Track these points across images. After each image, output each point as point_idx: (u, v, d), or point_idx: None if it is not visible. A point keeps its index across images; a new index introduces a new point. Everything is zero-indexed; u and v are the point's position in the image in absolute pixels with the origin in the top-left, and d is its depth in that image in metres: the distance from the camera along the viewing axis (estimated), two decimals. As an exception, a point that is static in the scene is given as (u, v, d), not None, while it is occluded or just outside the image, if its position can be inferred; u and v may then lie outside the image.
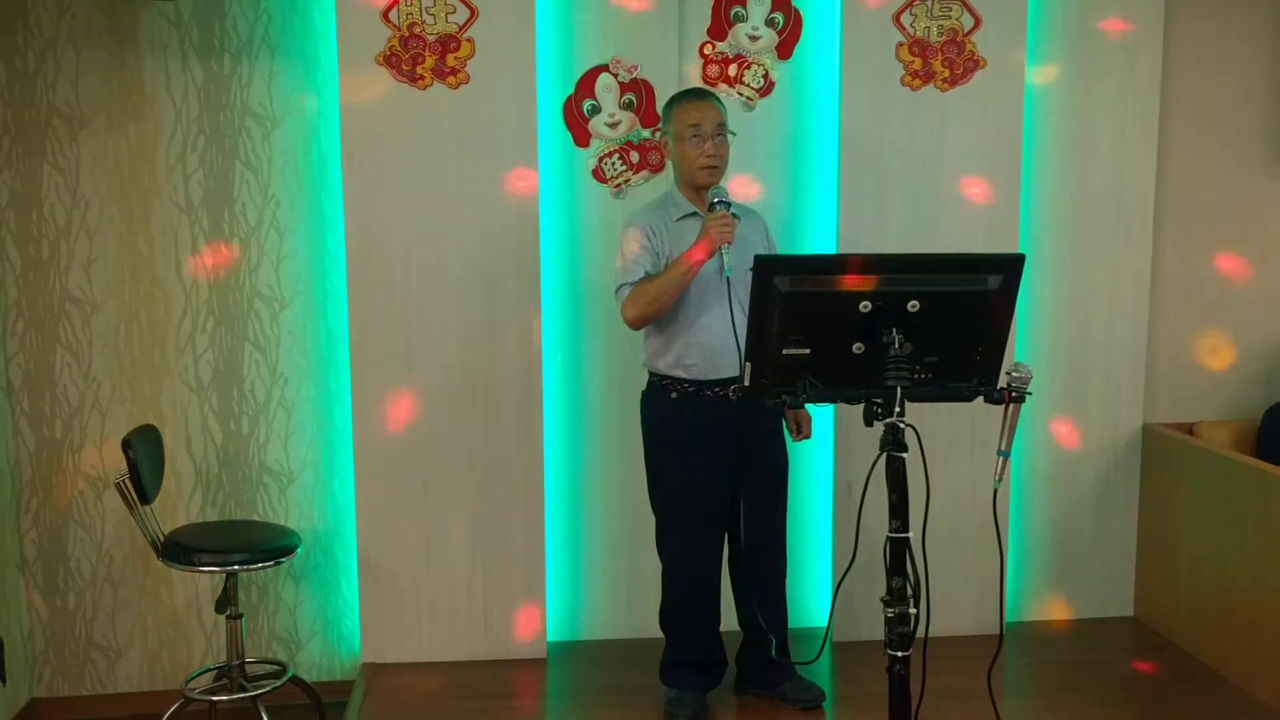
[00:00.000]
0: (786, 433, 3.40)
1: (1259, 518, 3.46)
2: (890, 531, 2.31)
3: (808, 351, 2.34)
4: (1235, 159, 4.10)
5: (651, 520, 3.40)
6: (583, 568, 3.91)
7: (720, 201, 3.08)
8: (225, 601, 3.46)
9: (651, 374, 3.32)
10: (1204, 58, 4.03)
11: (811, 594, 3.96)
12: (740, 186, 3.69)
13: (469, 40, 3.58)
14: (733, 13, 3.74)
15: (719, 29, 3.75)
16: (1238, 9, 4.03)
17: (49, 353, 3.75)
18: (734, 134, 3.28)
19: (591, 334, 3.80)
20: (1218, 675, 3.63)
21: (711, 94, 3.35)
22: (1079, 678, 3.65)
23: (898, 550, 2.31)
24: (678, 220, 3.25)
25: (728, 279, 3.06)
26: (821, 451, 3.86)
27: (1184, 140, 4.05)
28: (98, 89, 3.68)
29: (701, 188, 3.23)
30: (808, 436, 3.44)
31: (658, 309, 3.15)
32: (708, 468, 3.23)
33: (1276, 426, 3.93)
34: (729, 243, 3.04)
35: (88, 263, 3.73)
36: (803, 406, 2.52)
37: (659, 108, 3.67)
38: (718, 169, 3.22)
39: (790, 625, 3.48)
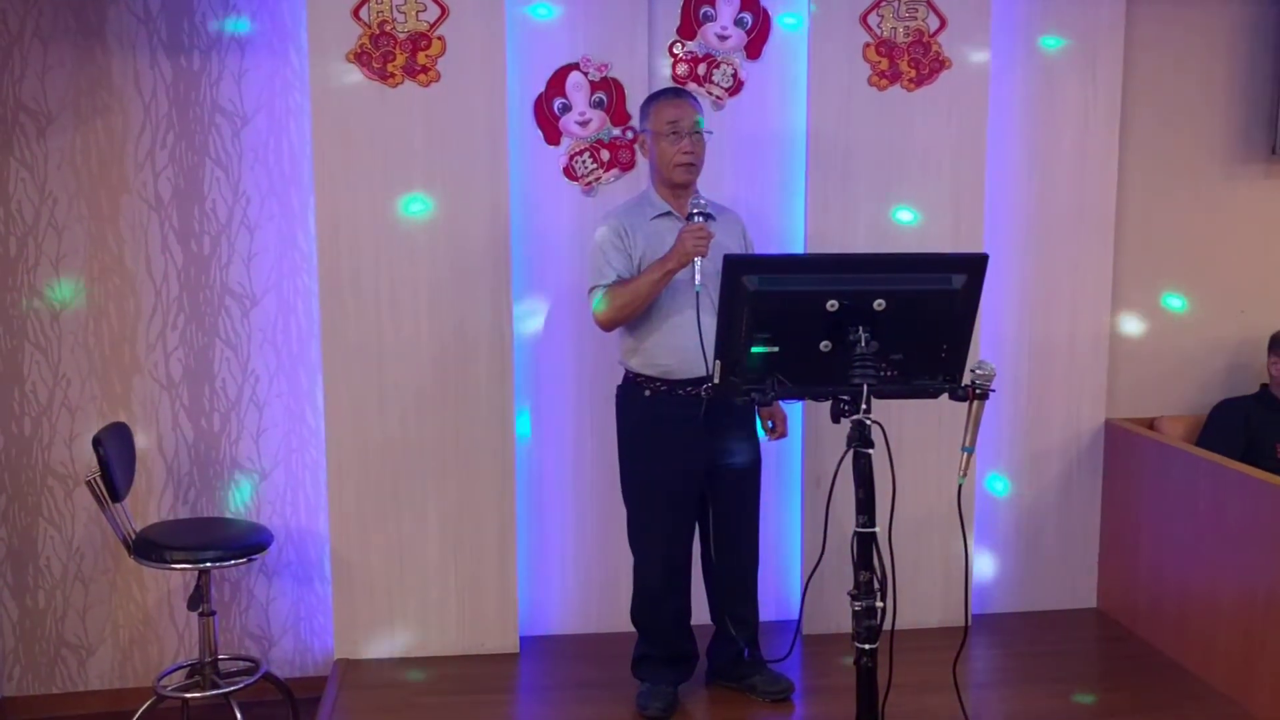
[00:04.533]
0: (761, 431, 3.45)
1: (1217, 510, 3.54)
2: (857, 527, 2.35)
3: (776, 349, 2.38)
4: (1196, 157, 4.17)
5: (623, 515, 3.43)
6: (555, 562, 3.94)
7: (699, 213, 3.11)
8: (197, 599, 3.47)
9: (626, 371, 3.35)
10: (1165, 57, 4.10)
11: (781, 587, 4.01)
12: (707, 186, 3.73)
13: (440, 38, 3.59)
14: (702, 12, 3.77)
15: (688, 28, 3.78)
16: (1198, 8, 4.10)
17: (17, 350, 3.73)
18: (710, 133, 3.32)
19: (563, 331, 3.83)
20: (1177, 665, 3.71)
21: (689, 93, 3.40)
22: (1042, 668, 3.72)
23: (864, 545, 2.35)
24: (652, 219, 3.28)
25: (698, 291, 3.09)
26: (791, 446, 3.90)
27: (1145, 139, 4.12)
28: (65, 85, 3.66)
29: (678, 185, 3.26)
30: (783, 435, 3.48)
31: (629, 313, 3.18)
32: (679, 465, 3.27)
33: (1218, 420, 4.02)
34: (703, 255, 3.07)
35: (56, 259, 3.72)
36: (771, 403, 2.56)
37: (629, 106, 3.71)
38: (694, 166, 3.25)
39: (760, 619, 3.52)
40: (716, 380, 2.45)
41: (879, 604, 2.35)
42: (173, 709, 3.67)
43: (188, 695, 3.55)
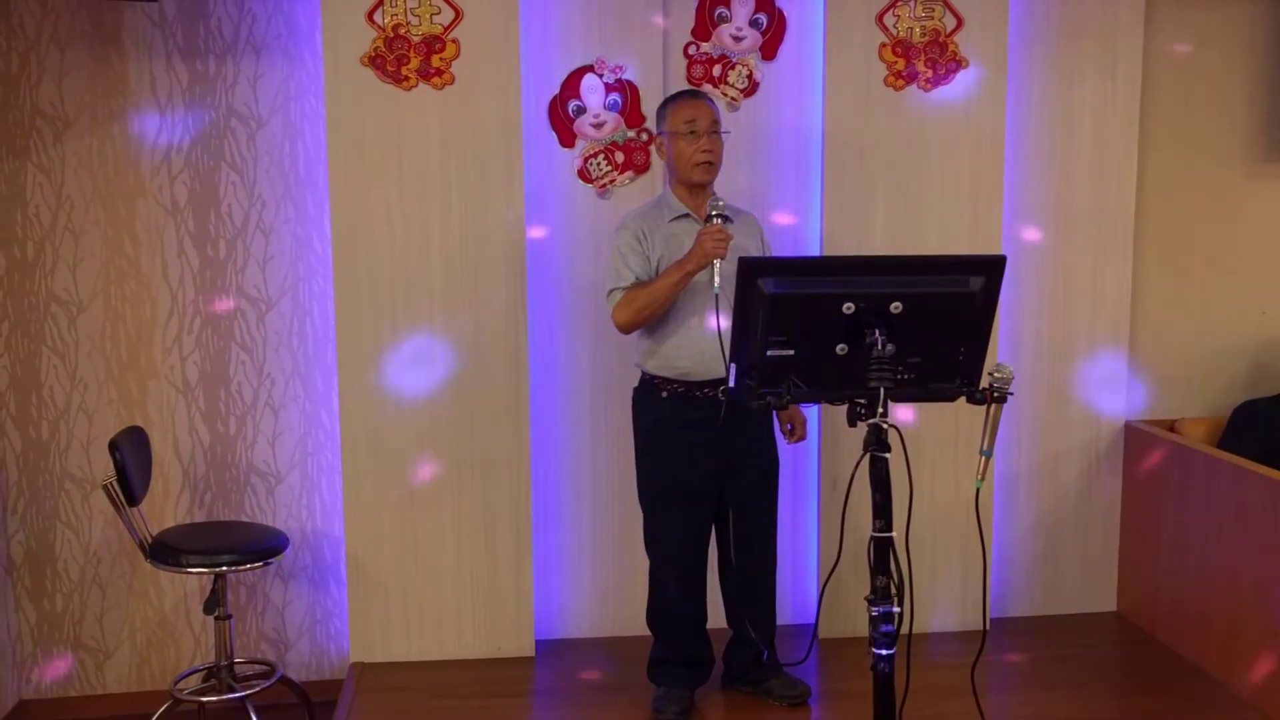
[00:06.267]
0: (778, 434, 3.43)
1: (1238, 513, 3.50)
2: (874, 531, 2.33)
3: (792, 353, 2.36)
4: (1217, 156, 4.13)
5: (639, 518, 3.42)
6: (570, 566, 3.93)
7: (717, 215, 3.10)
8: (213, 602, 3.47)
9: (643, 373, 3.34)
10: (1185, 55, 4.06)
11: (798, 591, 3.99)
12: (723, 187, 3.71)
13: (454, 41, 3.59)
14: (717, 14, 3.76)
15: (703, 30, 3.76)
16: (1218, 9, 4.06)
17: (35, 354, 3.74)
18: (728, 132, 3.31)
19: (578, 333, 3.82)
20: (1199, 669, 3.67)
21: (705, 94, 3.40)
22: (1062, 672, 3.69)
23: (881, 550, 2.33)
24: (670, 221, 3.27)
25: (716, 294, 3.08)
26: (808, 449, 3.88)
27: (1164, 139, 4.08)
28: (82, 90, 3.67)
29: (696, 185, 3.26)
30: (802, 438, 3.46)
31: (648, 316, 3.17)
32: (696, 468, 3.26)
33: (1240, 422, 3.98)
34: (721, 257, 3.05)
35: (73, 264, 3.73)
36: (787, 407, 2.54)
37: (644, 108, 3.70)
38: (713, 165, 3.24)
39: (777, 622, 3.50)
40: (732, 384, 2.44)
41: (896, 609, 2.33)
42: (189, 712, 3.67)
43: (204, 699, 3.55)
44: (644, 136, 3.72)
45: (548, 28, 3.71)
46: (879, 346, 2.31)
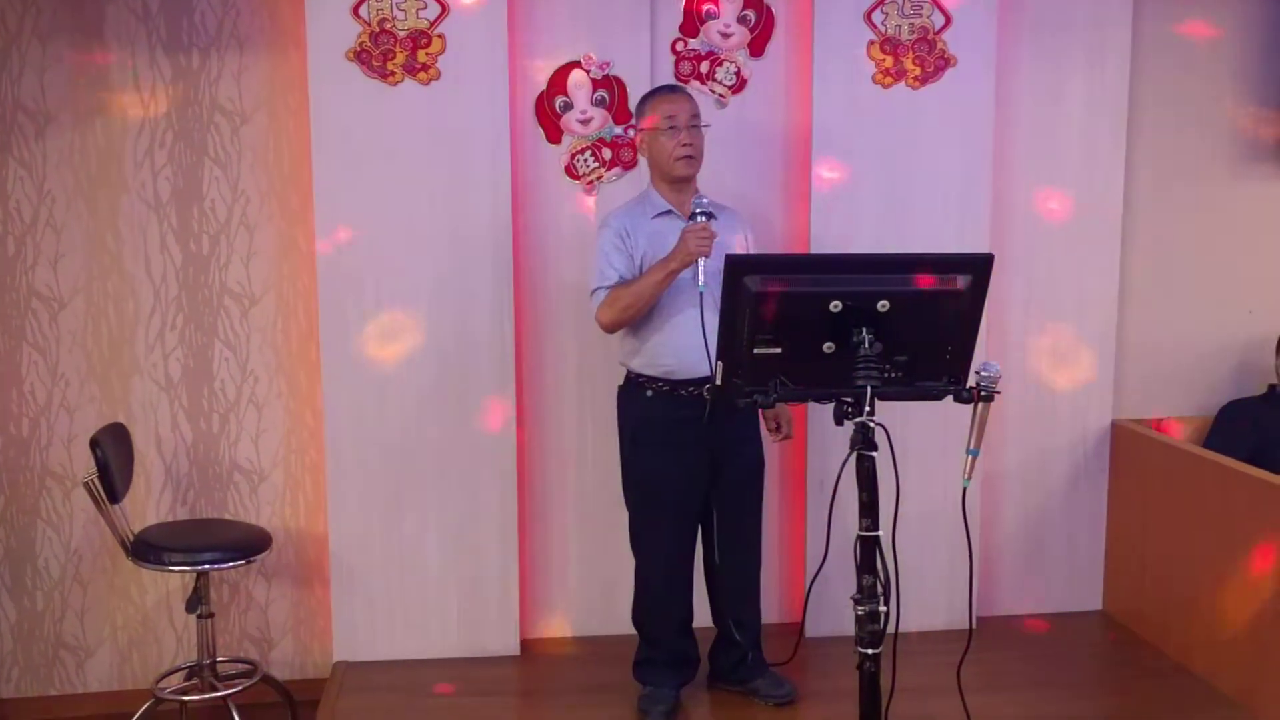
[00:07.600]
0: (764, 432, 3.42)
1: (1223, 512, 3.51)
2: (860, 530, 2.32)
3: (778, 351, 2.36)
4: (1204, 155, 4.13)
5: (625, 516, 3.40)
6: (556, 564, 3.91)
7: (701, 212, 3.08)
8: (196, 601, 3.45)
9: (628, 371, 3.33)
10: (1173, 54, 4.06)
11: (784, 590, 3.98)
12: (709, 184, 3.70)
13: (440, 36, 3.57)
14: (705, 10, 3.74)
15: (691, 26, 3.75)
16: (1206, 7, 4.06)
17: (15, 350, 3.71)
18: (708, 125, 3.30)
19: (564, 331, 3.80)
20: (1184, 668, 3.68)
21: (684, 88, 3.38)
22: (1048, 671, 3.69)
23: (868, 548, 2.32)
24: (654, 218, 3.26)
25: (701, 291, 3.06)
26: (795, 448, 3.87)
27: (1152, 137, 4.08)
28: (63, 84, 3.63)
29: (679, 180, 3.24)
30: (789, 437, 3.45)
31: (632, 315, 3.16)
32: (682, 466, 3.24)
33: (1226, 421, 3.99)
34: (706, 255, 3.04)
35: (55, 259, 3.69)
36: (774, 405, 2.54)
37: (631, 104, 3.68)
38: (694, 159, 3.23)
39: (763, 621, 3.49)
40: (719, 382, 2.43)
41: (882, 608, 2.33)
42: (171, 711, 3.64)
43: (186, 698, 3.53)
44: (631, 133, 3.71)
45: (534, 23, 3.69)
46: (866, 345, 2.31)
